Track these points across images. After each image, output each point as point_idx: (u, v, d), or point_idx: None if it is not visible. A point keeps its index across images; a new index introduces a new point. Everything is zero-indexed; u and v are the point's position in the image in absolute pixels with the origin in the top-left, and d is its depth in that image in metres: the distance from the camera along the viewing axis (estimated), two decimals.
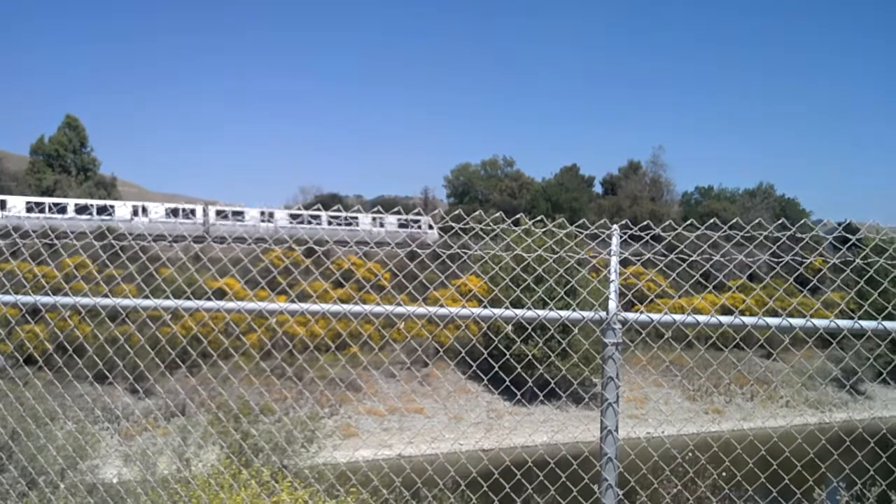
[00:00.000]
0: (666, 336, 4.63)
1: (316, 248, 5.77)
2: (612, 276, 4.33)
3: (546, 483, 5.10)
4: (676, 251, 4.92)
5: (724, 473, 5.66)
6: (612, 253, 4.51)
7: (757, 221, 4.98)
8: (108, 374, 8.16)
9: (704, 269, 5.21)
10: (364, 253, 31.19)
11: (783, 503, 6.81)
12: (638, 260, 5.54)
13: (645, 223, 4.80)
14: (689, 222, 4.90)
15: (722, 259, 4.94)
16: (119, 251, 6.47)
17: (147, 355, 18.80)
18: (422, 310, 4.46)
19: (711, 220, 4.94)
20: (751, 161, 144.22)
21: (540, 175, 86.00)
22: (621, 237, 4.80)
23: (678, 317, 4.18)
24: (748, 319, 4.11)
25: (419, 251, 5.78)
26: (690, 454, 7.09)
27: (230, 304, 4.92)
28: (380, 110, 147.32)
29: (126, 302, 5.10)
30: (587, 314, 4.20)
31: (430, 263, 5.60)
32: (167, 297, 5.10)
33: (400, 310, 4.47)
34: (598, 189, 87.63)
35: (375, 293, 6.63)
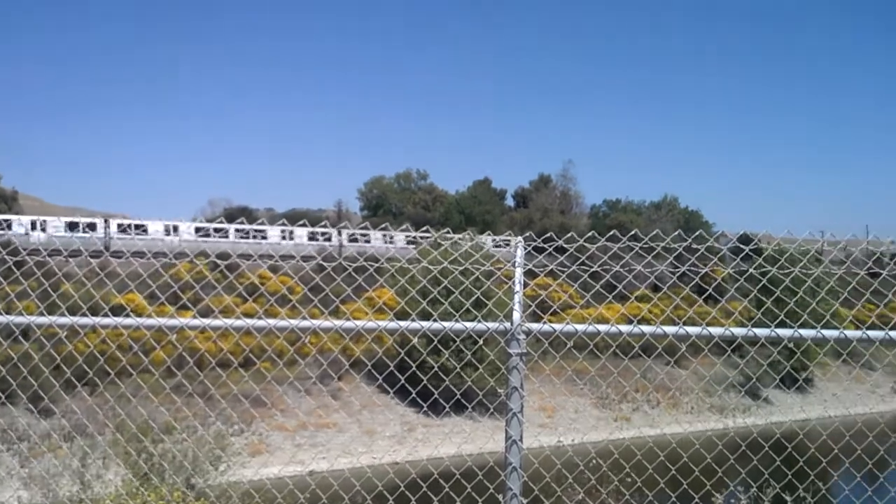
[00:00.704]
0: (568, 346, 4.69)
1: (218, 261, 5.65)
2: (517, 288, 4.37)
3: (452, 494, 5.10)
4: (578, 262, 5.00)
5: (627, 479, 5.77)
6: (516, 264, 4.56)
7: (655, 233, 5.10)
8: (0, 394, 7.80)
9: (605, 279, 5.30)
10: (272, 266, 30.78)
11: None
12: (542, 271, 5.61)
13: (548, 235, 4.86)
14: (590, 234, 4.98)
15: (621, 270, 5.04)
16: (13, 266, 6.21)
17: (49, 374, 18.10)
18: (328, 323, 4.41)
19: (611, 232, 5.03)
20: (656, 175, 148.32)
21: (453, 188, 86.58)
22: (526, 248, 4.86)
23: (580, 326, 4.26)
24: (646, 328, 4.21)
25: (325, 264, 5.71)
26: (595, 461, 7.19)
27: (128, 321, 4.77)
28: (292, 122, 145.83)
29: (20, 319, 4.91)
30: (492, 325, 4.24)
31: (335, 276, 5.55)
32: (63, 314, 4.93)
33: (305, 324, 4.42)
34: (509, 202, 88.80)
35: (284, 307, 6.53)
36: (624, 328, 4.25)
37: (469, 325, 4.28)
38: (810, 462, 6.47)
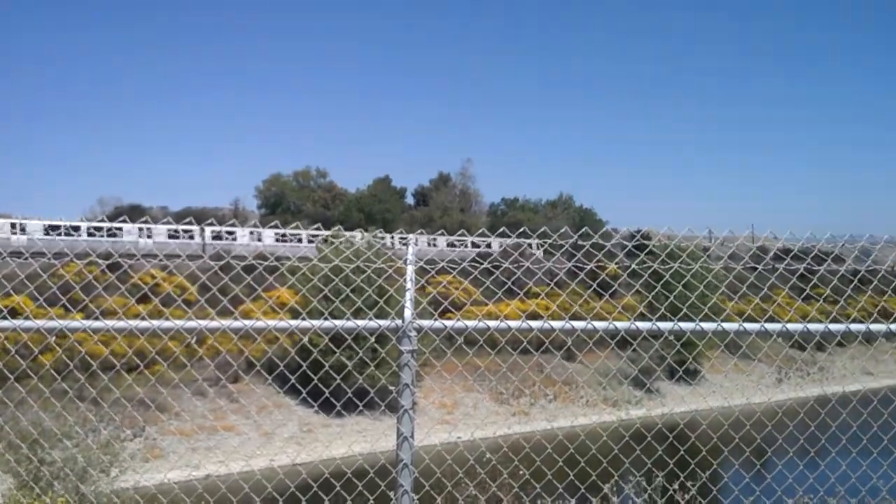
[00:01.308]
0: (458, 342, 4.74)
1: (77, 261, 5.47)
2: (408, 285, 4.39)
3: (343, 494, 5.09)
4: (495, 261, 5.06)
5: (520, 472, 5.86)
6: (407, 262, 4.58)
7: (543, 230, 5.21)
8: None
9: (495, 276, 5.39)
10: (164, 266, 29.96)
11: (568, 498, 7.13)
12: (436, 268, 5.65)
13: (440, 232, 4.91)
14: (480, 231, 5.05)
15: (511, 267, 5.12)
16: None
17: None
18: (215, 324, 4.33)
19: (501, 230, 5.11)
20: (552, 173, 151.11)
21: (353, 186, 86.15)
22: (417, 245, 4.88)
23: (470, 322, 4.30)
24: (534, 323, 4.28)
25: (212, 262, 5.61)
26: (492, 455, 7.29)
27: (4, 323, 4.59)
28: (186, 117, 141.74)
29: None
30: (383, 323, 4.24)
31: (212, 276, 5.46)
32: None
33: (191, 324, 4.32)
34: (410, 200, 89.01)
35: (173, 308, 6.37)
36: (513, 324, 4.30)
37: (360, 322, 4.28)
38: (698, 450, 6.73)
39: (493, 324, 4.30)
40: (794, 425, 6.00)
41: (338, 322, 4.28)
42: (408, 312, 4.21)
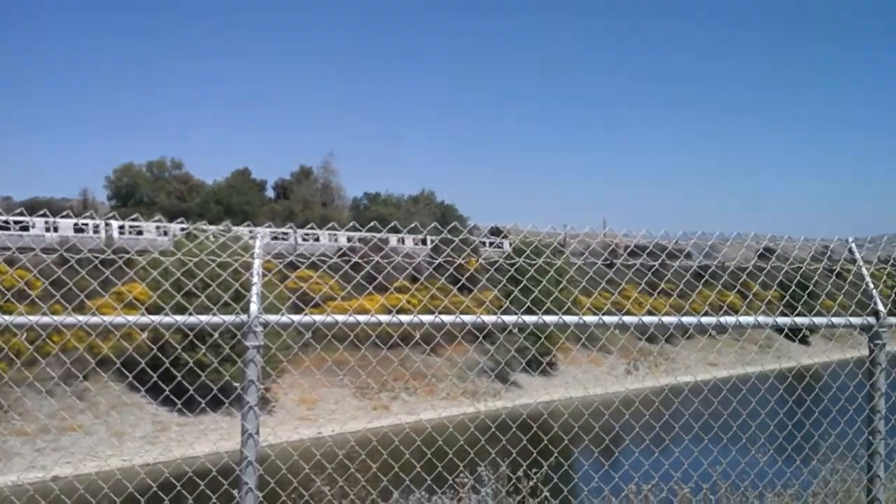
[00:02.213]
0: (303, 336, 4.63)
1: None
2: (255, 279, 4.26)
3: (184, 493, 4.90)
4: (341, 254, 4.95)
5: (373, 466, 5.79)
6: (255, 256, 4.44)
7: (414, 225, 5.17)
8: None
9: (364, 270, 5.30)
10: (8, 259, 28.27)
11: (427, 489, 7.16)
12: (304, 262, 5.51)
13: (310, 225, 4.77)
14: (330, 225, 4.95)
15: (382, 261, 5.06)
16: None
17: None
18: (46, 319, 4.04)
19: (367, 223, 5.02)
20: (414, 169, 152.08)
21: (210, 178, 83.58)
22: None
23: (318, 317, 4.20)
24: (382, 317, 4.23)
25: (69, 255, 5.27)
26: (351, 451, 7.21)
27: None
28: (32, 104, 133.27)
29: None
30: (227, 318, 4.11)
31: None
32: None
33: (21, 320, 4.02)
34: (270, 193, 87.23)
35: (22, 302, 5.94)
36: (361, 317, 4.23)
37: (203, 318, 4.12)
38: (555, 439, 6.88)
39: (340, 318, 4.23)
40: (639, 414, 6.22)
41: (180, 318, 4.11)
42: (253, 307, 4.10)
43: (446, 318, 4.32)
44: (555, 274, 5.46)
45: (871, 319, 4.71)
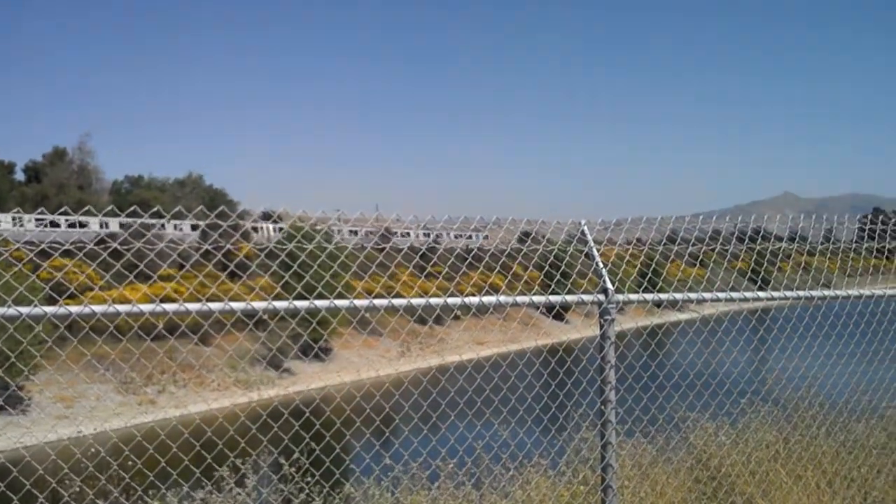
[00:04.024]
0: (58, 329, 4.41)
1: None
2: None
3: None
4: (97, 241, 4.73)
5: (131, 463, 5.60)
6: None
7: (178, 210, 5.01)
8: None
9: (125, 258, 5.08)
10: None
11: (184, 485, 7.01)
12: (57, 251, 5.20)
13: (63, 209, 4.51)
14: (86, 209, 4.73)
15: (145, 247, 4.88)
16: None
17: None
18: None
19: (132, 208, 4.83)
20: (181, 151, 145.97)
21: None
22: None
23: (49, 309, 3.81)
24: (145, 307, 4.01)
25: None
26: (114, 448, 6.90)
27: None
28: None
29: None
30: None
31: None
32: None
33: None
34: (20, 176, 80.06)
35: None
36: (122, 308, 3.92)
37: None
38: (330, 424, 6.97)
39: (98, 308, 3.94)
40: (411, 394, 6.45)
41: None
42: None
43: (214, 306, 4.19)
44: (327, 259, 5.50)
45: (601, 297, 5.07)
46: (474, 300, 4.73)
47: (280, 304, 4.34)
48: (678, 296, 5.54)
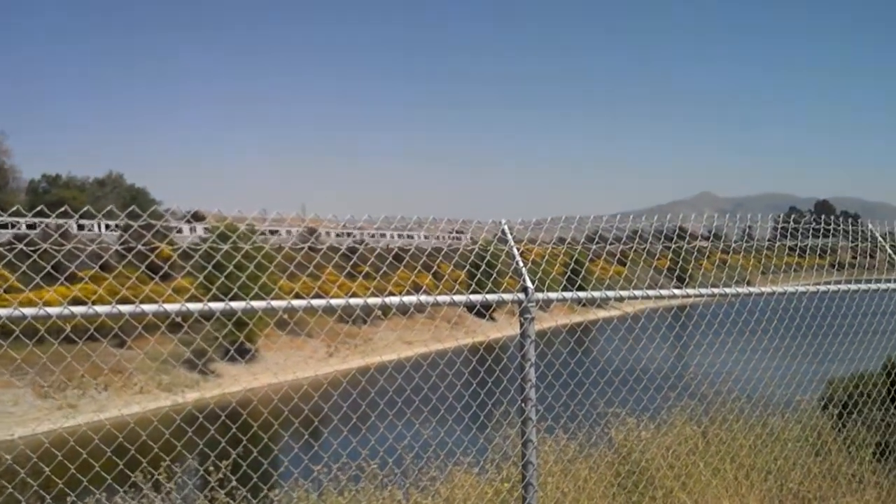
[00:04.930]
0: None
1: None
2: None
3: None
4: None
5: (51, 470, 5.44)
6: None
7: (109, 209, 4.92)
8: None
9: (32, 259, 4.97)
10: None
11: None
12: None
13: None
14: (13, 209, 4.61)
15: (51, 249, 4.77)
16: None
17: None
18: None
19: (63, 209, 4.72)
20: (101, 150, 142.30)
21: None
22: None
23: None
24: (77, 309, 3.90)
25: None
26: (13, 454, 6.67)
27: None
28: None
29: None
30: None
31: None
32: None
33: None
34: None
35: None
36: (27, 311, 3.82)
37: None
38: (260, 426, 6.90)
39: (3, 312, 3.79)
40: (341, 395, 6.42)
41: None
42: None
43: (147, 308, 4.09)
44: (259, 259, 5.46)
45: (521, 296, 5.09)
46: (395, 300, 4.74)
47: (193, 306, 4.25)
48: (596, 294, 5.61)
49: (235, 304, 4.30)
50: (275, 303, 4.41)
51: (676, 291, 6.10)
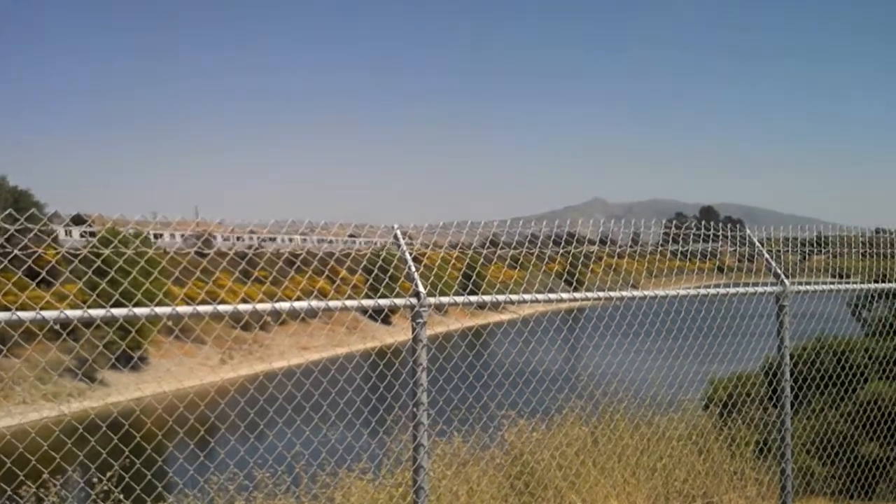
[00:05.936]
0: None
1: None
2: None
3: None
4: None
5: None
6: None
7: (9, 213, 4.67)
8: None
9: None
10: None
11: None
12: None
13: None
14: None
15: None
16: None
17: None
18: None
19: None
20: None
21: None
22: None
23: None
24: None
25: None
26: None
27: None
28: None
29: None
30: None
31: None
32: None
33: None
34: None
35: None
36: None
37: None
38: (149, 436, 6.71)
39: None
40: (232, 402, 6.33)
41: None
42: None
43: (24, 315, 3.96)
44: (145, 264, 5.31)
45: (413, 300, 5.07)
46: (286, 305, 4.70)
47: (72, 313, 4.09)
48: (487, 298, 5.68)
49: (117, 311, 4.14)
50: (159, 309, 4.26)
51: (564, 296, 6.24)
